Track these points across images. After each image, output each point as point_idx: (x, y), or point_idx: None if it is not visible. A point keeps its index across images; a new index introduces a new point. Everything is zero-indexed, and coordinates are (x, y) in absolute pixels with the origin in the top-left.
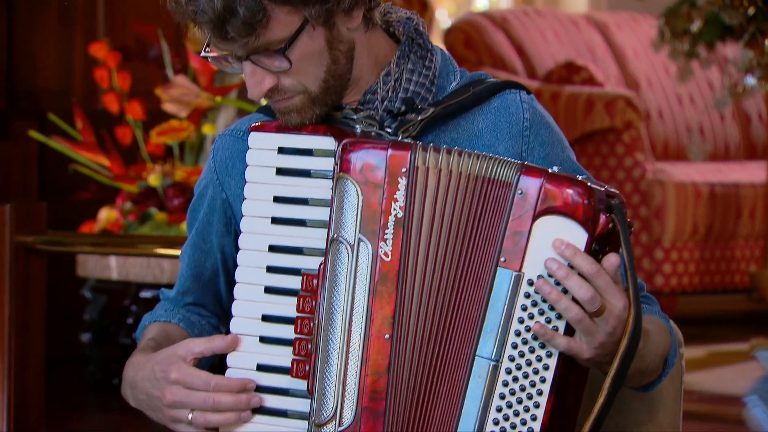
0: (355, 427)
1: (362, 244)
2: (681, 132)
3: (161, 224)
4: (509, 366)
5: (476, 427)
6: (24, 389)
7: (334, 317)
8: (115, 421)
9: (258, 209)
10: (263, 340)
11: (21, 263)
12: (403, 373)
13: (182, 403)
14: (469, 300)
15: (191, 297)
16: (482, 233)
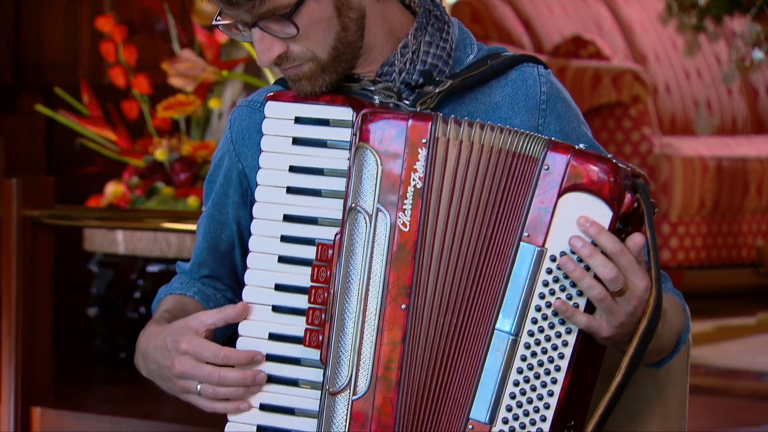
0: (369, 396)
1: (380, 213)
2: (688, 106)
3: (168, 198)
4: (528, 341)
5: (493, 400)
6: (31, 362)
7: (351, 286)
8: (122, 394)
9: (273, 179)
10: (276, 309)
11: (28, 237)
12: (419, 343)
13: (190, 374)
14: (490, 273)
15: (207, 269)
16: (506, 207)
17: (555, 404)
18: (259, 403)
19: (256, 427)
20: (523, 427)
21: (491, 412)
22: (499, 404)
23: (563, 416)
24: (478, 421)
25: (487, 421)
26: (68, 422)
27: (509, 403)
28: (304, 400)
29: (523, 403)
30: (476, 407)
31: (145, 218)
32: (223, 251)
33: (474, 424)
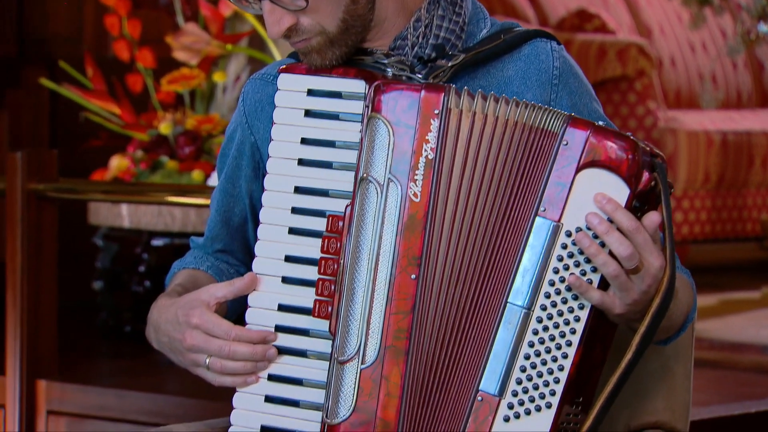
0: (378, 365)
1: (392, 184)
2: (693, 80)
3: (172, 172)
4: (540, 315)
5: (503, 372)
6: (37, 336)
7: (361, 256)
8: (127, 367)
9: (285, 151)
10: (285, 280)
11: (33, 210)
12: (429, 313)
13: (200, 348)
14: (505, 246)
15: (220, 243)
16: (523, 181)
17: (565, 379)
18: (267, 374)
19: (264, 397)
20: (532, 400)
21: (501, 385)
22: (509, 377)
23: (572, 391)
24: (487, 393)
25: (496, 393)
26: (73, 395)
27: (519, 376)
28: (312, 370)
29: (533, 377)
30: (486, 379)
31: (149, 192)
32: (235, 225)
33: (483, 396)
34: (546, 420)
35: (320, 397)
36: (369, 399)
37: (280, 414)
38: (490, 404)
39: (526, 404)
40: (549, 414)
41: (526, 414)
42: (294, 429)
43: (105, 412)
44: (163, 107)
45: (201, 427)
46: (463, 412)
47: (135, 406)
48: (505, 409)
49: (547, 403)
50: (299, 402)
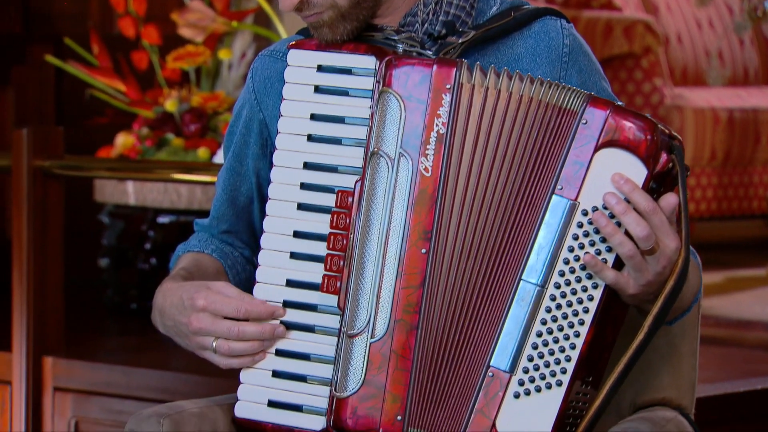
0: (387, 339)
1: (403, 158)
2: (700, 57)
3: (178, 150)
4: (554, 293)
5: (515, 349)
6: (43, 312)
7: (371, 230)
8: (133, 344)
9: (294, 126)
10: (294, 255)
11: (39, 187)
12: (439, 288)
13: (207, 330)
14: (520, 223)
15: (226, 224)
16: (540, 159)
17: (576, 357)
18: (275, 349)
19: (271, 372)
20: (543, 377)
21: (512, 361)
22: (521, 354)
23: (583, 370)
24: (498, 369)
25: (507, 370)
26: (80, 372)
27: (531, 353)
28: (320, 346)
29: (545, 354)
30: (497, 355)
31: (155, 169)
32: (241, 205)
33: (494, 372)
34: (556, 398)
35: (328, 372)
36: (378, 373)
37: (287, 389)
38: (500, 380)
39: (536, 381)
40: (559, 392)
41: (536, 391)
42: (301, 403)
43: (111, 389)
44: (168, 84)
45: (208, 403)
46: (474, 388)
47: (141, 383)
48: (516, 386)
49: (557, 381)
50: (306, 377)
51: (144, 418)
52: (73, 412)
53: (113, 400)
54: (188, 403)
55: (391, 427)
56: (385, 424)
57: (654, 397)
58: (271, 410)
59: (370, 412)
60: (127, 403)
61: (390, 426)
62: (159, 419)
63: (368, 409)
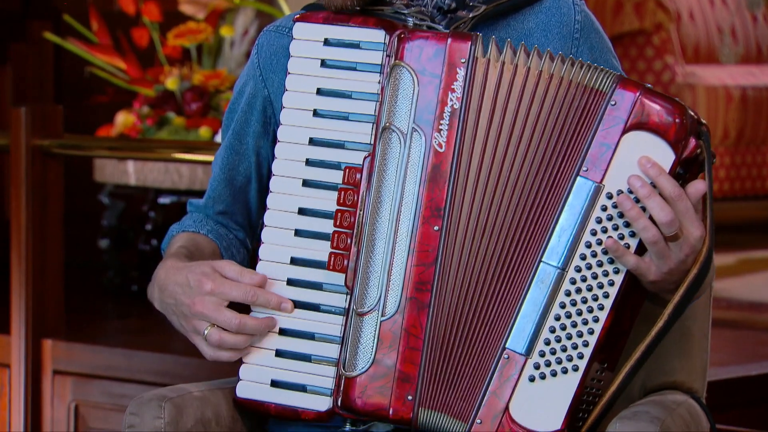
0: (398, 317)
1: (416, 133)
2: (712, 34)
3: (179, 129)
4: (574, 276)
5: (532, 331)
6: (43, 294)
7: (382, 206)
8: (134, 326)
9: (300, 101)
10: (298, 233)
11: (38, 167)
12: (452, 266)
13: (207, 316)
14: (541, 203)
15: (222, 204)
16: (564, 138)
17: (594, 342)
18: (278, 328)
19: (274, 351)
20: (559, 362)
21: (529, 344)
22: (538, 337)
23: (600, 356)
24: (514, 351)
25: (523, 352)
26: (80, 355)
27: (548, 337)
28: (325, 325)
29: (562, 338)
30: (514, 337)
31: (156, 148)
32: (238, 186)
33: (510, 354)
34: (572, 383)
35: (332, 351)
36: (388, 351)
37: (290, 369)
38: (516, 363)
39: (552, 365)
40: (575, 377)
41: (552, 375)
42: (305, 383)
43: (112, 372)
44: (169, 62)
45: (210, 386)
46: (488, 369)
47: (142, 366)
48: (531, 369)
49: (574, 366)
50: (311, 356)
51: (145, 401)
52: (73, 396)
53: (114, 384)
54: (190, 386)
55: (402, 407)
56: (396, 404)
57: (665, 381)
58: (274, 390)
59: (379, 391)
60: (127, 387)
61: (400, 406)
62: (160, 403)
63: (378, 388)
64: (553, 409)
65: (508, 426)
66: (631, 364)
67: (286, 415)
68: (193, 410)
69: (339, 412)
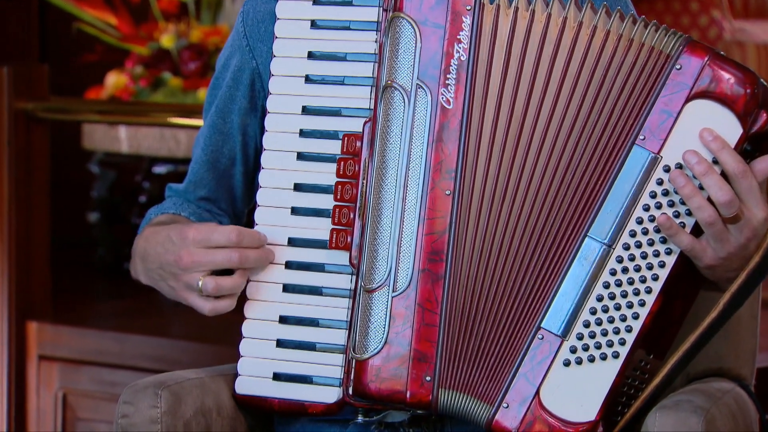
0: (411, 291)
1: (420, 90)
2: None
3: (176, 91)
4: (621, 254)
5: (571, 311)
6: (27, 273)
7: (387, 172)
8: (127, 308)
9: (289, 67)
10: (295, 211)
11: (21, 132)
12: (467, 233)
13: (201, 263)
14: (587, 172)
15: (204, 189)
16: (617, 100)
17: (638, 328)
18: (278, 315)
19: (275, 341)
20: (598, 347)
21: (566, 325)
22: (577, 318)
23: (644, 344)
24: (549, 332)
25: (560, 333)
26: (68, 338)
27: (588, 319)
28: (330, 309)
29: (603, 321)
30: (550, 317)
31: (150, 112)
32: (222, 168)
33: (545, 334)
34: (610, 371)
35: (339, 338)
36: (402, 329)
37: (294, 359)
38: (551, 344)
39: (590, 350)
40: (614, 365)
41: (589, 361)
42: (311, 374)
43: (102, 358)
44: (165, 17)
45: (210, 373)
46: (519, 349)
47: (136, 351)
48: (567, 353)
49: (614, 353)
50: (315, 344)
51: (140, 389)
52: (60, 383)
53: (105, 370)
54: (189, 372)
55: (420, 390)
56: (413, 387)
57: (710, 367)
58: (277, 384)
59: (395, 373)
60: (120, 374)
61: (418, 388)
62: (157, 390)
63: (393, 370)
64: (587, 398)
65: (538, 412)
66: (678, 357)
67: (292, 410)
68: (192, 399)
69: (350, 401)
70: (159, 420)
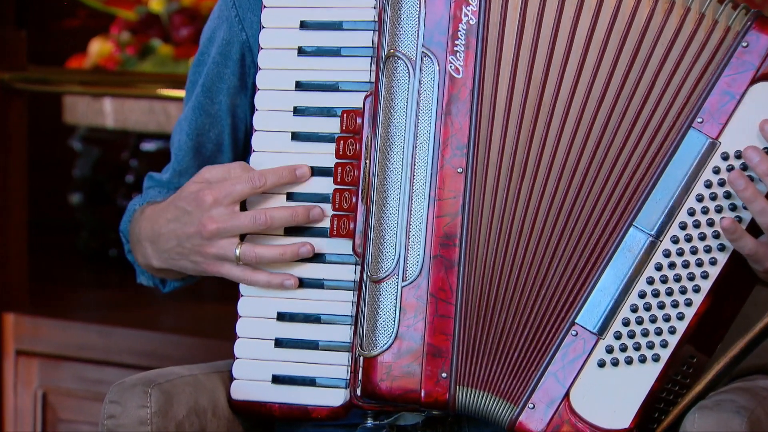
0: (421, 280)
1: (426, 58)
2: None
3: (166, 59)
4: (669, 248)
5: (609, 308)
6: (4, 259)
7: (392, 150)
8: (113, 299)
9: (280, 39)
10: (291, 197)
11: None
12: (483, 214)
13: (227, 228)
14: (631, 151)
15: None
16: (668, 76)
17: (683, 330)
18: (275, 312)
19: (273, 341)
20: (637, 347)
21: (604, 322)
22: (616, 315)
23: (689, 347)
24: (584, 328)
25: (596, 331)
26: (48, 331)
27: (627, 316)
28: (332, 304)
29: (645, 320)
30: (586, 312)
31: (138, 83)
32: (208, 154)
33: (579, 330)
34: (649, 375)
35: (344, 334)
36: (414, 322)
37: (295, 360)
38: (585, 342)
39: (629, 351)
40: (654, 369)
41: (626, 363)
42: (314, 376)
43: (86, 353)
44: None
45: (204, 369)
46: (549, 345)
47: (123, 345)
48: (603, 352)
49: (654, 356)
50: (318, 343)
51: (127, 387)
52: (39, 381)
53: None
54: (182, 369)
55: (435, 388)
56: (428, 385)
57: (754, 363)
58: (277, 387)
59: (407, 370)
60: (106, 371)
61: (433, 386)
62: (146, 389)
63: (405, 367)
64: (622, 404)
65: (566, 415)
66: (724, 363)
67: (294, 415)
68: (185, 397)
69: (358, 403)
70: (149, 421)
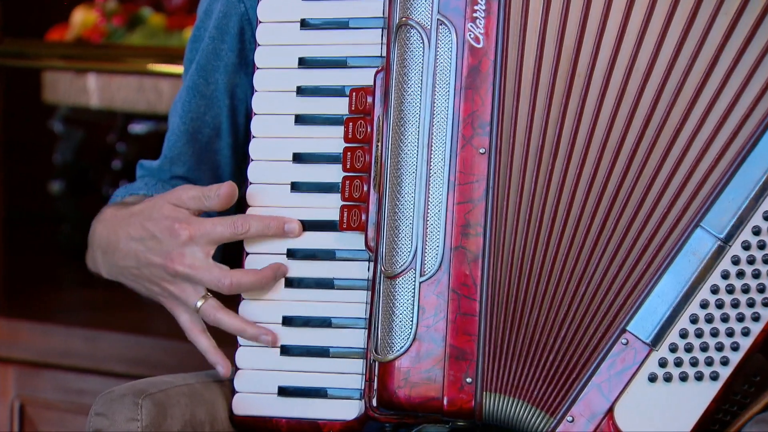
0: (442, 275)
1: (442, 27)
2: None
3: (157, 31)
4: (738, 254)
5: (666, 317)
6: None
7: (406, 130)
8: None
9: (281, 11)
10: (296, 188)
11: None
12: (510, 199)
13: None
14: (686, 127)
15: (182, 167)
16: (753, 47)
17: (746, 348)
18: (281, 317)
19: (279, 348)
20: (694, 363)
21: (659, 331)
22: (673, 325)
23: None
24: (636, 337)
25: (649, 341)
26: (27, 336)
27: (686, 328)
28: (343, 305)
29: (705, 333)
30: (640, 318)
31: (126, 57)
32: (204, 140)
33: (630, 339)
34: (705, 395)
35: (358, 339)
36: (434, 321)
37: (303, 369)
38: (636, 352)
39: (684, 366)
40: (711, 388)
41: (680, 379)
42: (325, 386)
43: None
44: None
45: (201, 378)
46: (593, 352)
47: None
48: (655, 366)
49: (712, 373)
50: (329, 349)
51: (115, 398)
52: (16, 391)
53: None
54: (176, 378)
55: (460, 395)
56: (451, 392)
57: None
58: (284, 400)
59: (428, 376)
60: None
61: (457, 392)
62: (136, 400)
63: (425, 372)
64: (672, 424)
65: None
66: None
67: (304, 431)
68: (180, 410)
69: (375, 414)
70: None
